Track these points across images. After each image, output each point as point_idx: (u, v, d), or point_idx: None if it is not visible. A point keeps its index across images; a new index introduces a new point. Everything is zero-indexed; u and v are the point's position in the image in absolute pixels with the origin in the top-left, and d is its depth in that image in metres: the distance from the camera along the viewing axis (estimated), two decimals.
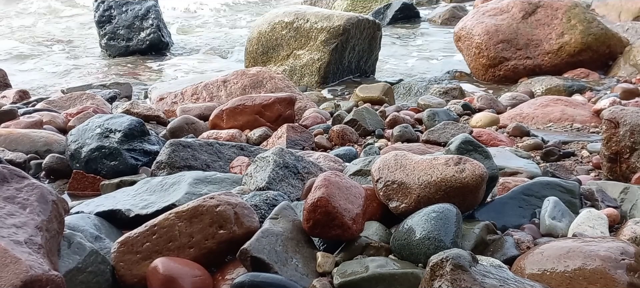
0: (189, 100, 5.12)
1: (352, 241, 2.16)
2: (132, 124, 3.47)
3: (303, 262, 2.11)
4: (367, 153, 3.55)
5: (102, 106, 4.77)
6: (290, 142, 3.71)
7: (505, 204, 2.46)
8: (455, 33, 6.62)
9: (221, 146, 3.26)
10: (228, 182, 2.75)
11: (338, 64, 6.48)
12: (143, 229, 2.17)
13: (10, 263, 1.78)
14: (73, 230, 2.22)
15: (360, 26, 6.52)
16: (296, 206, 2.40)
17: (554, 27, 6.24)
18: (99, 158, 3.34)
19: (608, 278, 1.87)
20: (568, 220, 2.33)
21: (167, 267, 2.02)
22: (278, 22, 6.71)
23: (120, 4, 8.75)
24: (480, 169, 2.27)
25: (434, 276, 1.79)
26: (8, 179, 2.10)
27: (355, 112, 4.21)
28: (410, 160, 2.35)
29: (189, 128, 4.05)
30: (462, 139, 2.53)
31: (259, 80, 5.14)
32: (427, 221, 2.10)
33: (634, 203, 2.50)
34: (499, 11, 6.44)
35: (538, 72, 6.03)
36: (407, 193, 2.28)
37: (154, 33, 8.55)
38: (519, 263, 2.03)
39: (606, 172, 3.01)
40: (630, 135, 2.89)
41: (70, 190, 3.28)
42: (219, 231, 2.12)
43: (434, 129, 3.86)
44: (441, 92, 5.52)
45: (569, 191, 2.52)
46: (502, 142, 3.73)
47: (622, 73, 5.94)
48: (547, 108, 4.41)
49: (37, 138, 3.67)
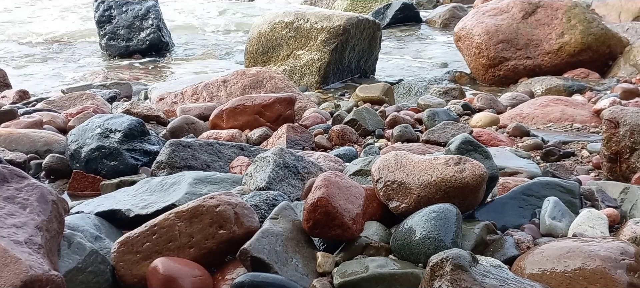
0: (189, 100, 5.12)
1: (352, 241, 2.16)
2: (132, 124, 3.47)
3: (303, 262, 2.11)
4: (367, 153, 3.54)
5: (102, 106, 4.77)
6: (290, 142, 3.71)
7: (505, 204, 2.46)
8: (455, 33, 6.61)
9: (221, 146, 3.26)
10: (228, 182, 2.75)
11: (338, 64, 6.48)
12: (143, 229, 2.17)
13: (10, 263, 1.78)
14: (73, 230, 2.22)
15: (360, 26, 6.51)
16: (296, 206, 2.40)
17: (554, 27, 6.23)
18: (99, 158, 3.34)
19: (608, 278, 1.87)
20: (568, 220, 2.33)
21: (167, 267, 2.02)
22: (278, 22, 6.71)
23: (120, 4, 8.75)
24: (480, 169, 2.27)
25: (434, 276, 1.79)
26: (8, 179, 2.10)
27: (355, 112, 4.21)
28: (410, 160, 2.35)
29: (189, 128, 4.05)
30: (462, 139, 2.53)
31: (259, 80, 5.14)
32: (427, 221, 2.10)
33: (634, 203, 2.50)
34: (499, 11, 6.43)
35: (538, 72, 6.03)
36: (407, 193, 2.28)
37: (154, 33, 8.55)
38: (519, 263, 2.03)
39: (606, 172, 3.01)
40: (630, 135, 2.89)
41: (70, 190, 3.28)
42: (219, 231, 2.12)
43: (434, 129, 3.86)
44: (441, 92, 5.52)
45: (569, 191, 2.52)
46: (502, 142, 3.73)
47: (622, 73, 5.93)
48: (547, 108, 4.41)
49: (37, 138, 3.67)
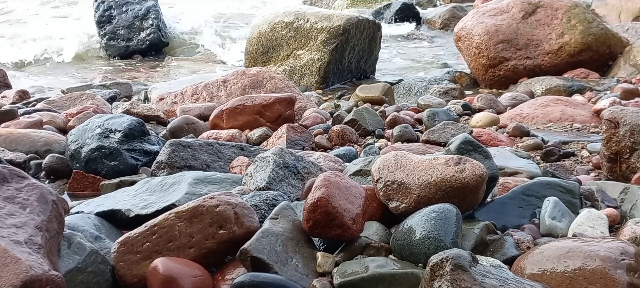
0: (189, 100, 5.12)
1: (352, 241, 2.16)
2: (132, 124, 3.47)
3: (303, 262, 2.11)
4: (367, 153, 3.54)
5: (102, 106, 4.77)
6: (290, 142, 3.71)
7: (505, 204, 2.46)
8: (455, 33, 6.61)
9: (221, 146, 3.26)
10: (228, 182, 2.75)
11: (338, 64, 6.48)
12: (143, 229, 2.17)
13: (10, 263, 1.77)
14: (73, 230, 2.22)
15: (360, 26, 6.52)
16: (296, 206, 2.40)
17: (554, 27, 6.23)
18: (99, 158, 3.34)
19: (608, 278, 1.87)
20: (568, 220, 2.33)
21: (167, 267, 2.02)
22: (278, 22, 6.71)
23: (120, 4, 8.76)
24: (480, 169, 2.27)
25: (434, 276, 1.79)
26: (8, 179, 2.10)
27: (355, 112, 4.21)
28: (410, 160, 2.35)
29: (189, 128, 4.05)
30: (462, 139, 2.53)
31: (259, 80, 5.14)
32: (427, 221, 2.10)
33: (634, 203, 2.50)
34: (499, 11, 6.43)
35: (538, 72, 6.03)
36: (407, 193, 2.28)
37: (154, 33, 8.56)
38: (519, 263, 2.03)
39: (606, 172, 3.01)
40: (630, 135, 2.89)
41: (70, 190, 3.28)
42: (219, 231, 2.12)
43: (434, 129, 3.86)
44: (441, 92, 5.52)
45: (569, 191, 2.52)
46: (502, 142, 3.73)
47: (622, 73, 5.93)
48: (547, 108, 4.41)
49: (37, 138, 3.67)
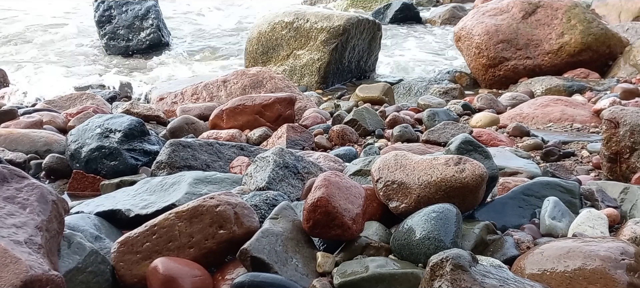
0: (189, 100, 5.12)
1: (352, 241, 2.16)
2: (132, 124, 3.47)
3: (303, 262, 2.11)
4: (367, 153, 3.54)
5: (102, 106, 4.77)
6: (290, 142, 3.71)
7: (505, 204, 2.46)
8: (455, 33, 6.61)
9: (221, 146, 3.26)
10: (228, 182, 2.75)
11: (338, 64, 6.48)
12: (143, 229, 2.17)
13: (10, 263, 1.77)
14: (73, 230, 2.22)
15: (360, 26, 6.52)
16: (296, 206, 2.40)
17: (554, 27, 6.23)
18: (99, 158, 3.34)
19: (608, 278, 1.87)
20: (568, 220, 2.33)
21: (167, 267, 2.02)
22: (278, 22, 6.71)
23: (120, 4, 8.75)
24: (480, 169, 2.27)
25: (434, 276, 1.79)
26: (8, 179, 2.10)
27: (355, 112, 4.21)
28: (410, 160, 2.35)
29: (189, 128, 4.05)
30: (462, 139, 2.53)
31: (259, 80, 5.14)
32: (427, 221, 2.10)
33: (634, 203, 2.50)
34: (499, 11, 6.43)
35: (538, 72, 6.03)
36: (407, 193, 2.28)
37: (154, 33, 8.55)
38: (519, 263, 2.03)
39: (606, 172, 3.00)
40: (630, 135, 2.89)
41: (70, 190, 3.28)
42: (219, 231, 2.12)
43: (434, 129, 3.86)
44: (441, 92, 5.52)
45: (569, 191, 2.52)
46: (502, 142, 3.73)
47: (622, 73, 5.93)
48: (547, 108, 4.41)
49: (37, 138, 3.67)
